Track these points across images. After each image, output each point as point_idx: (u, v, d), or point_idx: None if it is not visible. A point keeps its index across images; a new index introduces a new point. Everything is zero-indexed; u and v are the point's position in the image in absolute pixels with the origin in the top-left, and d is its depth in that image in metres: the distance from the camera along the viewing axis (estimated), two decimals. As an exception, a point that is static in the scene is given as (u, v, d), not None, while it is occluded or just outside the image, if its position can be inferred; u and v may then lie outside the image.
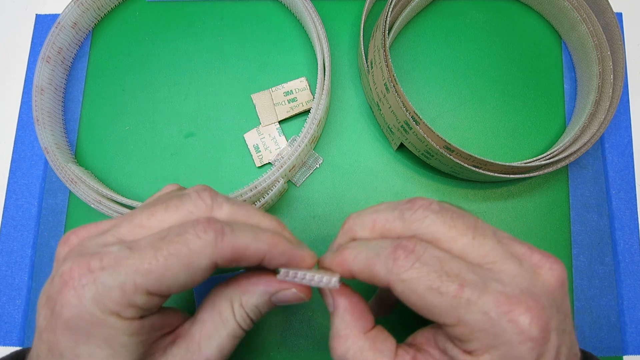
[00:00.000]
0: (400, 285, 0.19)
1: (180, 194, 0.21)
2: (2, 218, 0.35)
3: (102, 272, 0.18)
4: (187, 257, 0.19)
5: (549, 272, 0.19)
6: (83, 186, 0.33)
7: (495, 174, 0.32)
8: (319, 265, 0.23)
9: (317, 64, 0.37)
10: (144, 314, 0.20)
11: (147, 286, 0.18)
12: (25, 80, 0.38)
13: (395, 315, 0.28)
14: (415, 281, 0.18)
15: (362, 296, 0.23)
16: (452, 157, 0.31)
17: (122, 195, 0.33)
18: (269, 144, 0.35)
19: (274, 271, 0.22)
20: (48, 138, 0.34)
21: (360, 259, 0.20)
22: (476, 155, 0.31)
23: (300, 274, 0.21)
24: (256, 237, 0.20)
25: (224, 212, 0.21)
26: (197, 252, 0.19)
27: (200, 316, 0.22)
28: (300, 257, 0.22)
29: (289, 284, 0.22)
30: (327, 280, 0.20)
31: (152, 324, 0.20)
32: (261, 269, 0.22)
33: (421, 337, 0.22)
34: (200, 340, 0.21)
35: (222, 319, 0.21)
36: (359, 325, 0.21)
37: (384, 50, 0.31)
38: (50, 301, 0.19)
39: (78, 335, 0.18)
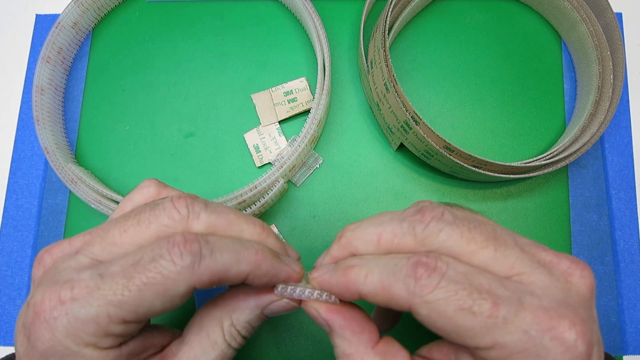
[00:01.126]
0: (425, 308, 0.17)
1: (154, 203, 0.20)
2: (2, 218, 0.35)
3: (74, 304, 0.17)
4: (162, 285, 0.17)
5: (580, 280, 0.17)
6: (83, 186, 0.33)
7: (495, 174, 0.32)
8: (310, 277, 0.21)
9: (317, 64, 0.37)
10: (123, 340, 0.19)
11: (121, 316, 0.17)
12: (25, 80, 0.38)
13: (403, 321, 0.27)
14: (443, 302, 0.16)
15: (358, 305, 0.21)
16: (452, 157, 0.31)
17: (122, 195, 0.33)
18: (269, 144, 0.35)
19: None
20: (48, 138, 0.34)
21: (373, 281, 0.18)
22: (476, 155, 0.31)
23: (298, 290, 0.20)
24: (237, 258, 0.18)
25: (201, 222, 0.19)
26: (173, 279, 0.17)
27: (187, 338, 0.20)
28: (286, 275, 0.20)
29: (278, 298, 0.21)
30: (327, 297, 0.19)
31: (132, 349, 0.19)
32: None
33: (438, 352, 0.19)
34: None
35: (211, 341, 0.20)
36: (363, 341, 0.19)
37: (384, 50, 0.31)
38: (26, 329, 0.18)
39: None
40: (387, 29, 0.32)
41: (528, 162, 0.32)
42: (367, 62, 0.34)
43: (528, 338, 0.16)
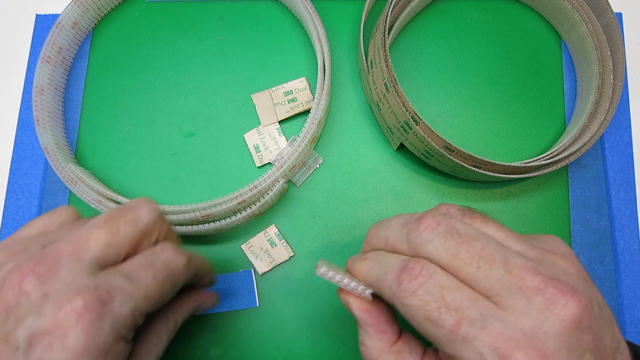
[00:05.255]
0: (401, 309, 0.19)
1: (125, 206, 0.23)
2: (2, 218, 0.35)
3: (114, 303, 0.19)
4: (175, 278, 0.22)
5: (561, 310, 0.17)
6: (83, 186, 0.33)
7: (495, 174, 0.32)
8: (346, 266, 0.23)
9: (317, 64, 0.37)
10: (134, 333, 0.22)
11: (148, 309, 0.21)
12: (25, 80, 0.38)
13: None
14: (415, 309, 0.18)
15: (388, 305, 0.22)
16: (452, 157, 0.31)
17: (122, 195, 0.33)
18: (269, 144, 0.35)
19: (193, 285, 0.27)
20: (48, 138, 0.34)
21: (372, 275, 0.21)
22: (476, 155, 0.31)
23: (338, 276, 0.21)
24: (201, 261, 0.26)
25: (165, 221, 0.25)
26: (180, 273, 0.23)
27: (140, 335, 0.24)
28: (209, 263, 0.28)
29: (210, 294, 0.28)
30: (362, 290, 0.21)
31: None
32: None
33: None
34: (142, 356, 0.23)
35: (159, 338, 0.24)
36: (383, 340, 0.21)
37: (384, 50, 0.31)
38: (49, 336, 0.18)
39: None
40: (387, 29, 0.32)
41: (528, 162, 0.32)
42: (367, 62, 0.34)
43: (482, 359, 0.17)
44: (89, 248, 0.20)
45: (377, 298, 0.22)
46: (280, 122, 0.36)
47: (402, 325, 0.22)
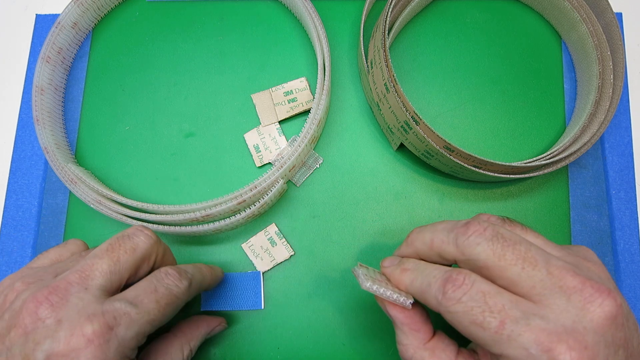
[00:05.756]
0: (448, 316, 0.20)
1: (123, 235, 0.25)
2: (2, 218, 0.35)
3: (120, 328, 0.21)
4: (176, 303, 0.24)
5: (598, 308, 0.19)
6: (83, 186, 0.33)
7: (495, 174, 0.32)
8: (381, 265, 0.25)
9: (317, 64, 0.37)
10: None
11: (150, 331, 0.23)
12: (25, 80, 0.38)
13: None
14: (461, 315, 0.20)
15: (421, 306, 0.24)
16: (452, 157, 0.31)
17: (122, 195, 0.34)
18: (269, 144, 0.35)
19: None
20: (48, 138, 0.34)
21: (415, 285, 0.22)
22: (476, 155, 0.31)
23: (382, 289, 0.23)
24: (203, 276, 0.27)
25: (162, 243, 0.27)
26: (181, 298, 0.25)
27: None
28: (221, 272, 0.31)
29: (219, 319, 0.30)
30: (404, 300, 0.23)
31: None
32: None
33: (482, 349, 0.22)
34: None
35: None
36: (418, 338, 0.23)
37: (384, 50, 0.31)
38: (63, 358, 0.20)
39: None
40: (387, 29, 0.32)
41: (528, 162, 0.32)
42: (367, 62, 0.34)
43: (528, 355, 0.18)
44: (94, 276, 0.23)
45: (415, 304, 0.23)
46: (280, 122, 0.36)
47: (436, 327, 0.24)
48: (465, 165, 0.31)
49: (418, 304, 0.23)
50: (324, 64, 0.34)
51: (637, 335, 0.20)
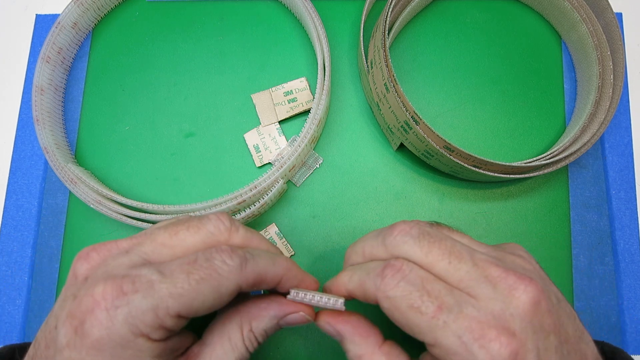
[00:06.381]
0: (386, 302, 0.20)
1: (199, 215, 0.22)
2: (2, 218, 0.35)
3: (135, 295, 0.19)
4: (217, 281, 0.20)
5: (523, 294, 0.19)
6: (83, 186, 0.33)
7: (495, 174, 0.32)
8: (324, 287, 0.24)
9: (317, 64, 0.37)
10: (169, 335, 0.20)
11: (178, 309, 0.19)
12: (25, 80, 0.38)
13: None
14: (400, 299, 0.20)
15: (361, 314, 0.24)
16: (452, 157, 0.31)
17: (122, 195, 0.34)
18: (269, 144, 0.35)
19: (282, 294, 0.24)
20: (48, 138, 0.34)
21: (354, 279, 0.22)
22: (476, 155, 0.31)
23: (309, 295, 0.22)
24: (274, 263, 0.22)
25: (239, 235, 0.22)
26: (225, 277, 0.20)
27: (210, 340, 0.22)
28: (310, 281, 0.24)
29: (297, 307, 0.23)
30: (334, 302, 0.22)
31: (173, 345, 0.21)
32: (266, 294, 0.24)
33: (429, 356, 0.22)
34: None
35: (232, 344, 0.22)
36: (371, 343, 0.22)
37: (384, 50, 0.31)
38: (75, 319, 0.19)
39: (104, 356, 0.19)
40: (387, 29, 0.32)
41: (528, 162, 0.32)
42: (367, 62, 0.34)
43: (460, 343, 0.19)
44: (142, 243, 0.21)
45: (350, 310, 0.23)
46: (280, 122, 0.36)
47: (386, 336, 0.23)
48: (465, 165, 0.31)
49: (356, 312, 0.23)
50: (324, 64, 0.34)
51: (574, 323, 0.20)
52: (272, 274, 0.22)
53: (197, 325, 0.23)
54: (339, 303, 0.22)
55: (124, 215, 0.32)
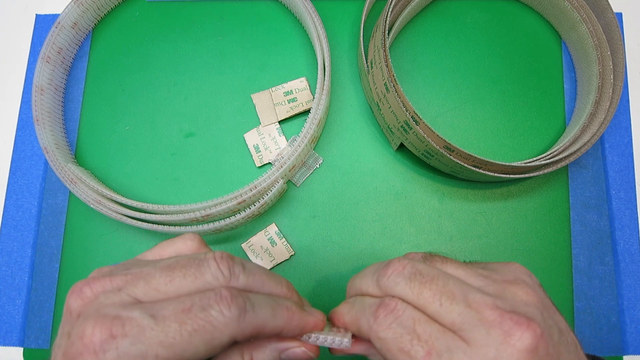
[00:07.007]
0: (378, 342, 0.20)
1: (199, 260, 0.21)
2: (2, 218, 0.35)
3: (124, 340, 0.18)
4: (211, 334, 0.19)
5: (518, 341, 0.18)
6: (83, 186, 0.33)
7: (495, 174, 0.32)
8: (330, 316, 0.24)
9: (317, 64, 0.37)
10: None
11: (167, 358, 0.18)
12: (25, 80, 0.38)
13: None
14: (390, 341, 0.20)
15: None
16: (452, 157, 0.31)
17: (122, 195, 0.33)
18: (269, 144, 0.35)
19: None
20: (48, 138, 0.34)
21: (351, 313, 0.22)
22: (476, 155, 0.31)
23: (313, 337, 0.22)
24: (274, 314, 0.21)
25: (240, 283, 0.21)
26: (221, 329, 0.19)
27: None
28: (313, 324, 0.23)
29: (298, 342, 0.23)
30: (339, 342, 0.22)
31: None
32: None
33: None
34: None
35: None
36: None
37: (384, 50, 0.31)
38: (68, 359, 0.19)
39: None
40: (387, 29, 0.32)
41: (528, 162, 0.32)
42: (367, 62, 0.34)
43: None
44: (136, 284, 0.20)
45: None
46: (280, 122, 0.36)
47: None
48: (465, 165, 0.31)
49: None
50: (324, 64, 0.34)
51: (575, 355, 0.20)
52: (272, 326, 0.21)
53: None
54: (345, 342, 0.22)
55: (124, 215, 0.32)
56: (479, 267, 0.22)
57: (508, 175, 0.32)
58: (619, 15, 0.38)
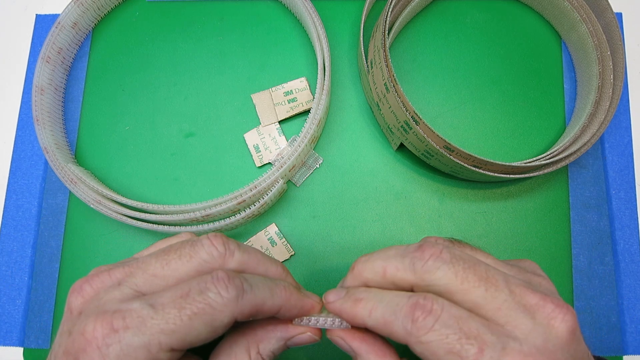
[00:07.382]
0: (419, 347, 0.19)
1: (192, 241, 0.21)
2: (2, 218, 0.35)
3: (126, 332, 0.18)
4: (210, 315, 0.19)
5: (562, 324, 0.19)
6: (83, 186, 0.33)
7: (495, 174, 0.32)
8: (325, 300, 0.23)
9: (317, 64, 0.37)
10: None
11: (171, 344, 0.19)
12: (25, 80, 0.38)
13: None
14: (436, 344, 0.18)
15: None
16: (452, 157, 0.31)
17: (122, 195, 0.34)
18: (269, 144, 0.35)
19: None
20: (48, 138, 0.34)
21: (376, 316, 0.20)
22: (476, 155, 0.31)
23: (313, 319, 0.22)
24: (272, 293, 0.21)
25: (235, 260, 0.21)
26: (220, 310, 0.19)
27: None
28: (310, 306, 0.23)
29: (304, 328, 0.23)
30: (339, 323, 0.22)
31: None
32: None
33: None
34: None
35: None
36: None
37: (384, 50, 0.31)
38: (70, 356, 0.19)
39: None
40: (387, 29, 0.32)
41: (528, 162, 0.32)
42: (367, 62, 0.34)
43: None
44: (134, 274, 0.20)
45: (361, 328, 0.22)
46: (280, 122, 0.36)
47: (400, 354, 0.22)
48: (465, 165, 0.31)
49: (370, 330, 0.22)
50: (324, 64, 0.34)
51: (583, 344, 0.20)
52: (270, 304, 0.21)
53: (202, 348, 0.23)
54: (345, 323, 0.22)
55: (124, 215, 0.32)
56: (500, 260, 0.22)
57: (508, 175, 0.32)
58: (619, 15, 0.38)
